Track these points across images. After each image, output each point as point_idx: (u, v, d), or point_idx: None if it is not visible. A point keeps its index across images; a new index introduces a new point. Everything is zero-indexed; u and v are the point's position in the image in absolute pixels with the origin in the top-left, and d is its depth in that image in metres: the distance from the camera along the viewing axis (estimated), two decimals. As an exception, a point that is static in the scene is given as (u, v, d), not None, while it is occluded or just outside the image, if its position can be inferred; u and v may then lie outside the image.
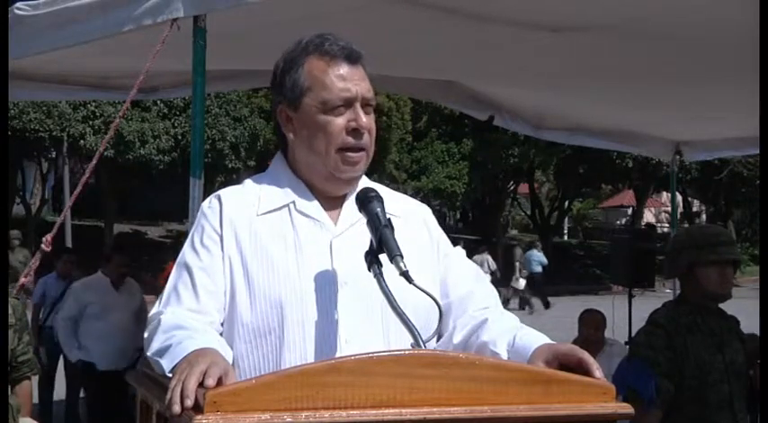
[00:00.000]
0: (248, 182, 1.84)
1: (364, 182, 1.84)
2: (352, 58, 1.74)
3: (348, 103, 1.72)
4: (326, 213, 1.76)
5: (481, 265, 19.99)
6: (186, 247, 1.77)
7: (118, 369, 6.02)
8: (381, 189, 1.84)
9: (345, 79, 1.72)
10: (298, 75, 1.75)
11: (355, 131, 1.72)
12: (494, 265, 20.65)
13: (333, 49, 1.74)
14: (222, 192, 1.81)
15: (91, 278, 6.61)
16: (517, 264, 19.34)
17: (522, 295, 18.83)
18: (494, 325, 1.72)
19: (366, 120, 1.73)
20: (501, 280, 19.16)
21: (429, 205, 2.01)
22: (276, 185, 1.79)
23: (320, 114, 1.73)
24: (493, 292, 1.87)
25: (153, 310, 1.72)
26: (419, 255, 1.74)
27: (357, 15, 3.45)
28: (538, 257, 19.52)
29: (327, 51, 1.74)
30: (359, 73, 1.75)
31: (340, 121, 1.72)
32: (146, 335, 1.67)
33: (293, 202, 1.76)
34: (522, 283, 18.86)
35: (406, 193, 2.13)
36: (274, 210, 1.75)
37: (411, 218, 1.83)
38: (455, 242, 1.95)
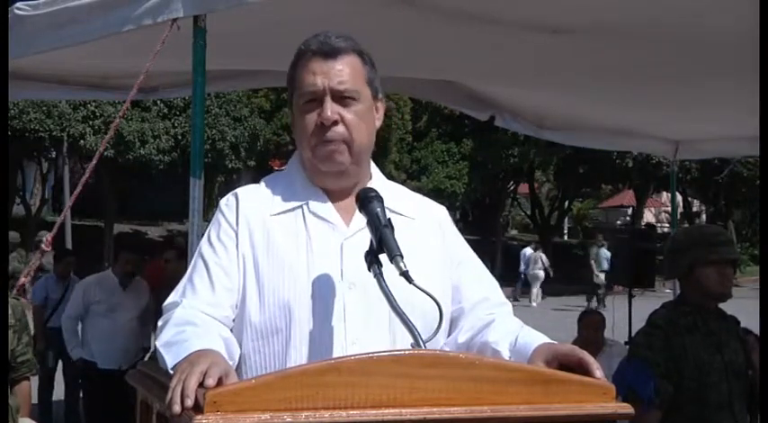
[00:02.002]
0: (265, 181, 1.86)
1: (378, 179, 1.85)
2: (327, 51, 1.75)
3: (317, 98, 1.74)
4: (339, 215, 1.77)
5: (535, 262, 21.02)
6: (204, 240, 1.80)
7: (119, 368, 6.02)
8: (396, 188, 1.87)
9: (315, 74, 1.74)
10: (290, 75, 1.80)
11: (321, 125, 1.73)
12: (547, 262, 20.92)
13: (312, 45, 1.76)
14: (240, 190, 1.84)
15: (100, 275, 6.60)
16: (593, 262, 19.86)
17: (599, 291, 19.48)
18: (499, 326, 1.73)
19: (331, 112, 1.72)
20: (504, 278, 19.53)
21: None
22: (291, 186, 1.81)
23: (299, 112, 1.77)
24: (504, 300, 1.87)
25: (169, 299, 1.74)
26: (428, 256, 1.75)
27: (358, 16, 3.45)
28: (605, 255, 19.85)
29: (308, 49, 1.76)
30: (335, 66, 1.74)
31: (311, 117, 1.74)
32: (159, 323, 1.69)
33: (306, 203, 1.77)
34: (602, 277, 19.41)
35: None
36: (288, 210, 1.77)
37: (425, 219, 1.83)
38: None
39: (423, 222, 1.82)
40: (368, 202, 1.65)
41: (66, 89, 5.57)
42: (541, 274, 21.28)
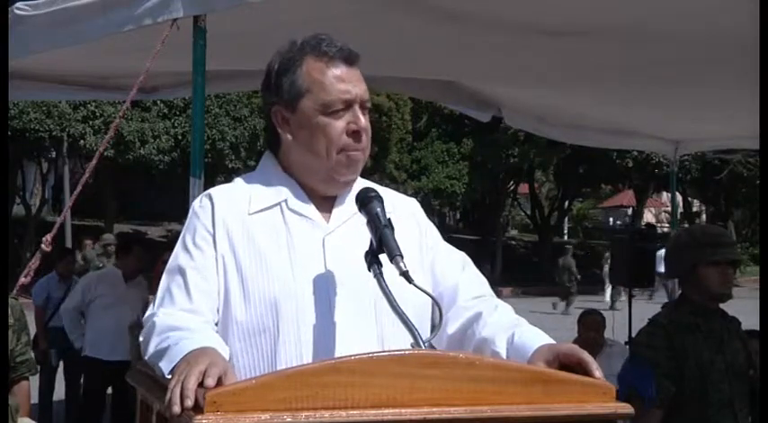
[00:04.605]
0: (239, 180, 1.83)
1: (359, 181, 1.83)
2: (350, 59, 1.74)
3: (348, 105, 1.72)
4: (319, 211, 1.75)
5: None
6: (178, 248, 1.75)
7: (122, 360, 6.04)
8: (370, 184, 1.85)
9: (344, 81, 1.72)
10: (295, 76, 1.74)
11: (355, 134, 1.72)
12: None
13: (330, 50, 1.73)
14: (213, 190, 1.79)
15: (104, 271, 6.64)
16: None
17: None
18: (490, 319, 1.72)
19: (364, 121, 1.73)
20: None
21: (429, 205, 2.00)
22: (267, 184, 1.78)
23: (320, 116, 1.71)
24: (482, 280, 1.85)
25: (148, 312, 1.71)
26: (409, 249, 1.72)
27: (358, 16, 3.45)
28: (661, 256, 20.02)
29: (325, 52, 1.73)
30: (356, 74, 1.74)
31: (340, 124, 1.71)
32: (141, 338, 1.66)
33: (285, 201, 1.75)
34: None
35: (405, 192, 2.12)
36: (266, 208, 1.74)
37: (400, 213, 1.82)
38: (456, 242, 1.94)
39: (400, 217, 1.79)
40: (368, 201, 1.65)
41: (66, 89, 5.59)
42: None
